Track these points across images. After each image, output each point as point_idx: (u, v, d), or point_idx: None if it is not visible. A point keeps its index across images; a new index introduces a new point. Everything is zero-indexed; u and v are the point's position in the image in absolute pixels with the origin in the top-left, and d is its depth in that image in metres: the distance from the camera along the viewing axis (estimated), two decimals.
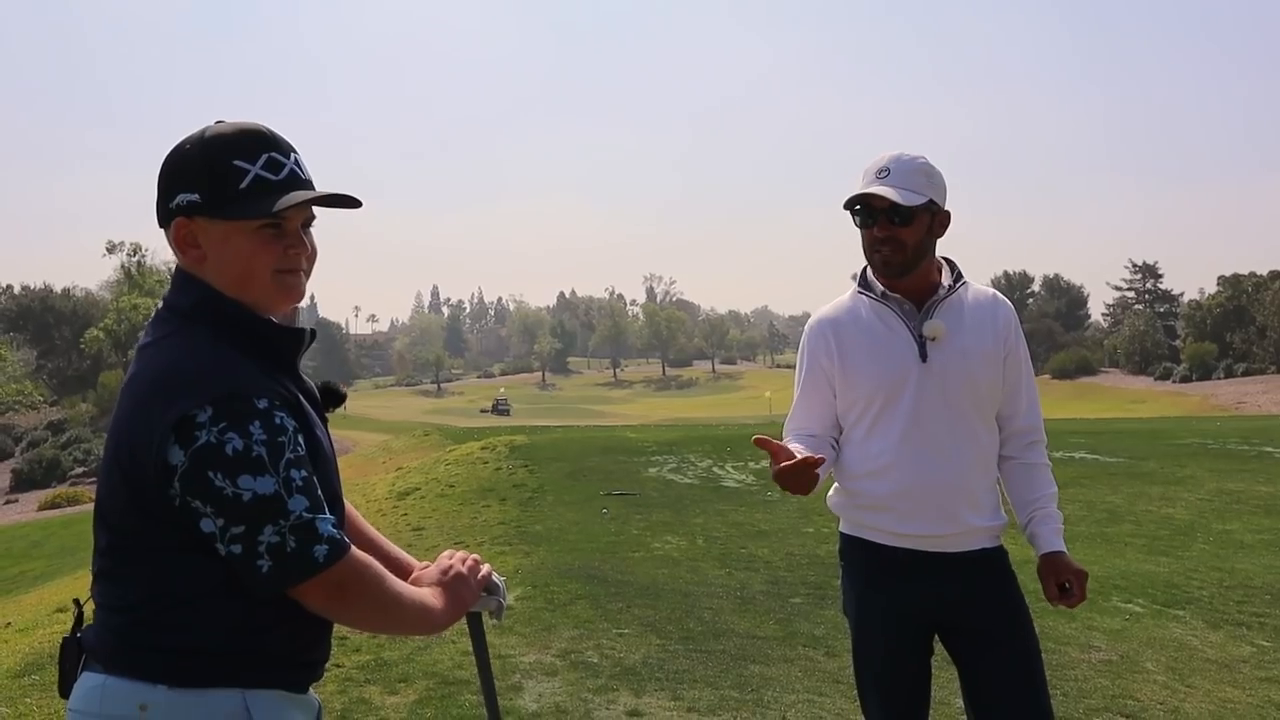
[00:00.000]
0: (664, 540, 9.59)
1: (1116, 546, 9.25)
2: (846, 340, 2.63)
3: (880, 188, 2.48)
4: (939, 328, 2.55)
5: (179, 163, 1.63)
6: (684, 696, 4.98)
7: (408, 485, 15.67)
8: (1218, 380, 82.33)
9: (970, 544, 2.61)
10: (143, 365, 1.60)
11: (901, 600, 2.60)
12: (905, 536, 2.58)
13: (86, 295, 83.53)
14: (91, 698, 1.56)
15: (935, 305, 2.59)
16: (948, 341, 2.56)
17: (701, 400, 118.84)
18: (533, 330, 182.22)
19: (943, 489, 2.55)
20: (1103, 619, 6.50)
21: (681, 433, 24.58)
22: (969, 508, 2.58)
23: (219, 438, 1.47)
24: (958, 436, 2.55)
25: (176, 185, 1.62)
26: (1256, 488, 12.81)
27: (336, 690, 4.97)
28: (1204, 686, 5.17)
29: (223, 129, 1.63)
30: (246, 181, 1.60)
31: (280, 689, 1.61)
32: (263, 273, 1.63)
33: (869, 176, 2.53)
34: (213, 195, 1.60)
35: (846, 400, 2.65)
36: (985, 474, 2.63)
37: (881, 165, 2.52)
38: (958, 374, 2.55)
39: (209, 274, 1.63)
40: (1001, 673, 2.55)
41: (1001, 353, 2.62)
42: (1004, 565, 2.68)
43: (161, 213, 1.65)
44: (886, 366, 2.57)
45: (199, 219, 1.61)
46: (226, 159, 1.60)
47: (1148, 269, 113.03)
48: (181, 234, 1.63)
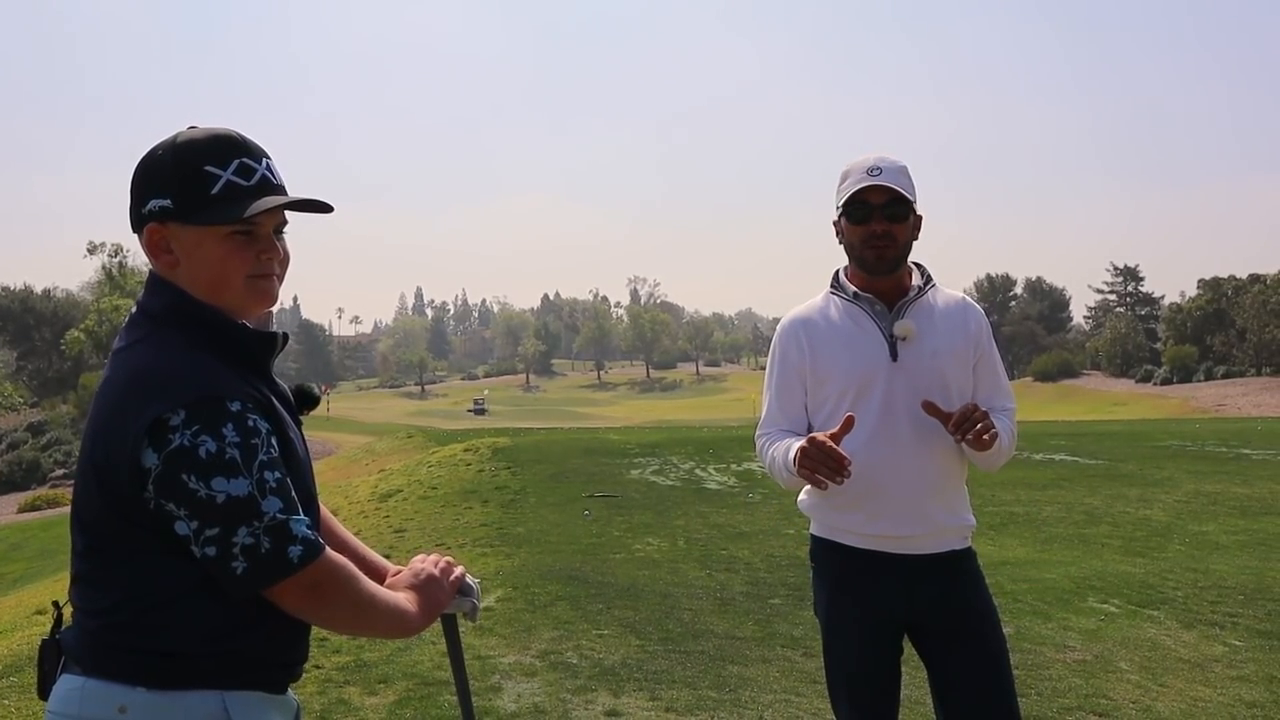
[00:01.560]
0: (645, 542, 9.62)
1: (1094, 547, 9.34)
2: (818, 339, 2.66)
3: (884, 182, 2.53)
4: (909, 328, 2.59)
5: (151, 168, 1.64)
6: (662, 697, 5.01)
7: (390, 487, 15.65)
8: (1198, 383, 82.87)
9: (939, 545, 2.63)
10: (116, 369, 1.61)
11: (871, 602, 2.63)
12: (873, 537, 2.61)
13: (67, 296, 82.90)
14: (70, 700, 1.57)
15: (906, 306, 2.62)
16: (918, 341, 2.59)
17: (685, 402, 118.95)
18: (517, 332, 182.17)
19: (911, 487, 2.57)
20: (1078, 619, 6.56)
21: (664, 435, 24.62)
22: (938, 507, 2.61)
23: (192, 440, 1.49)
24: (927, 436, 2.56)
25: (148, 191, 1.63)
26: (1233, 489, 12.95)
27: (316, 691, 4.98)
28: (1177, 685, 5.23)
29: (194, 135, 1.64)
30: (218, 187, 1.61)
31: (259, 690, 1.62)
32: (236, 278, 1.65)
33: (858, 174, 2.56)
34: (184, 201, 1.61)
35: (817, 398, 2.67)
36: (955, 473, 2.66)
37: (871, 164, 2.56)
38: (928, 373, 2.58)
39: (182, 279, 1.64)
40: (969, 673, 2.57)
41: (972, 356, 2.66)
42: (973, 567, 2.70)
43: (135, 218, 1.66)
44: (857, 364, 2.60)
45: (171, 224, 1.62)
46: (198, 164, 1.61)
47: (1129, 272, 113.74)
48: (154, 240, 1.64)
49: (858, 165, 2.58)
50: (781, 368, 2.74)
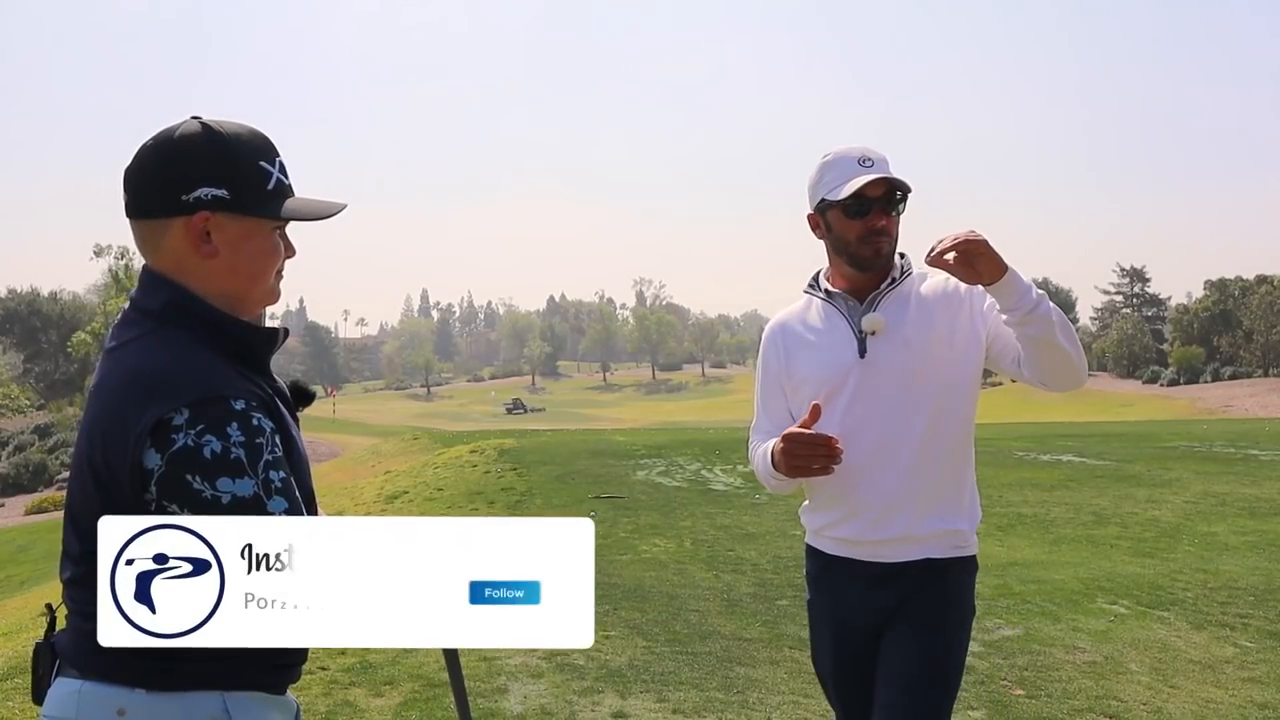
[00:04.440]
0: (651, 543, 9.60)
1: (1102, 549, 9.30)
2: (793, 343, 2.60)
3: (881, 174, 2.40)
4: (878, 321, 2.45)
5: (193, 155, 1.59)
6: (669, 698, 4.99)
7: (396, 489, 15.67)
8: (1205, 384, 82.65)
9: (913, 553, 2.47)
10: (112, 368, 1.59)
11: (842, 608, 2.56)
12: (842, 542, 2.53)
13: (74, 299, 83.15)
14: (68, 703, 1.55)
15: (878, 299, 2.49)
16: (889, 334, 2.45)
17: (691, 404, 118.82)
18: (522, 334, 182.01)
19: (881, 491, 2.45)
20: (1087, 620, 6.53)
21: (670, 436, 24.62)
22: (909, 512, 2.44)
23: (197, 440, 1.46)
24: (899, 436, 2.44)
25: (196, 177, 1.58)
26: (1241, 490, 12.90)
27: (321, 693, 4.97)
28: (1187, 687, 5.20)
29: (236, 129, 1.63)
30: (272, 183, 1.63)
31: (259, 691, 1.61)
32: (270, 273, 1.67)
33: (847, 167, 2.42)
34: (244, 193, 1.61)
35: (795, 403, 2.57)
36: (937, 476, 2.48)
37: (860, 155, 2.43)
38: (899, 368, 2.44)
39: (214, 271, 1.61)
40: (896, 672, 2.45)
41: (954, 318, 2.47)
42: (953, 579, 2.50)
43: (165, 203, 1.60)
44: (825, 366, 2.50)
45: (220, 215, 1.60)
46: (252, 159, 1.62)
47: (1135, 273, 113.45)
48: (200, 228, 1.60)
49: (841, 156, 2.44)
50: (764, 376, 2.69)
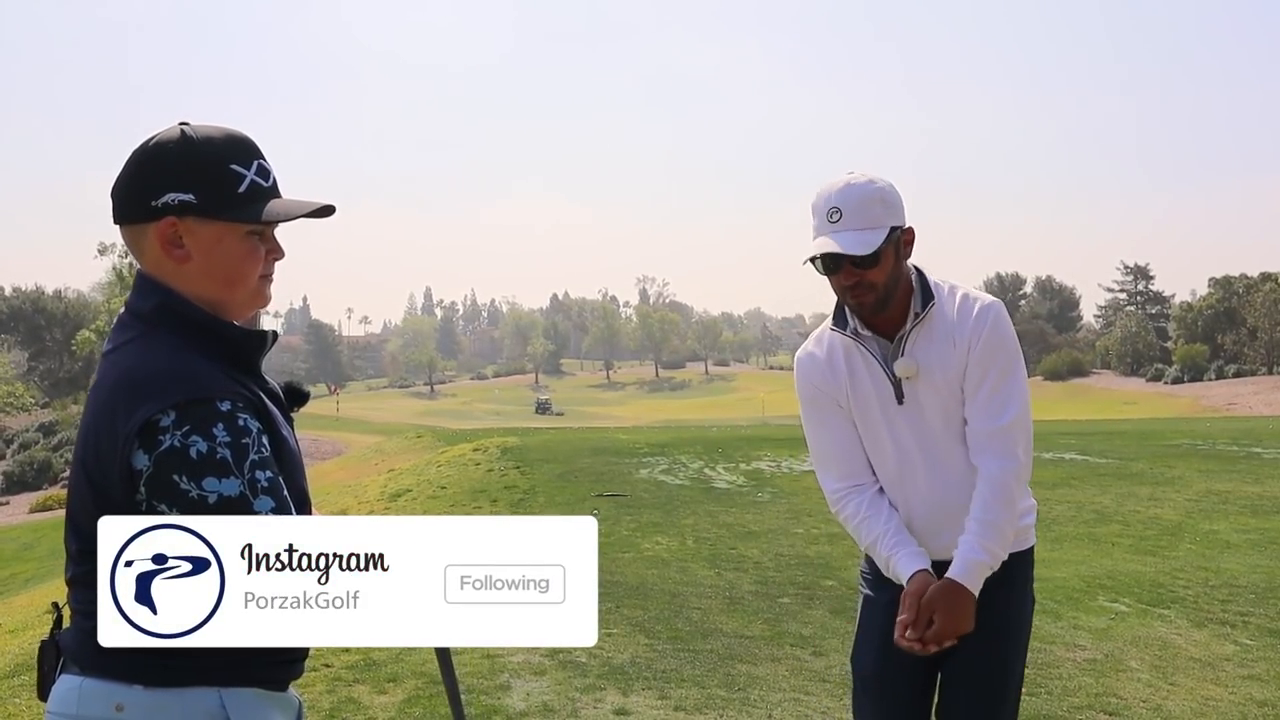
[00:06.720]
0: (654, 541, 9.62)
1: (1104, 546, 9.31)
2: (835, 376, 2.57)
3: (834, 238, 2.31)
4: (911, 368, 2.45)
5: (162, 161, 1.62)
6: (671, 695, 5.01)
7: (400, 487, 15.70)
8: (1209, 382, 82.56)
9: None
10: (106, 371, 1.61)
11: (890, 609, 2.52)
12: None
13: (78, 297, 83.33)
14: (69, 699, 1.57)
15: (904, 340, 2.47)
16: (921, 378, 2.46)
17: (694, 402, 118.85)
18: (525, 332, 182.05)
19: (925, 519, 2.51)
20: (1088, 618, 6.54)
21: (673, 434, 24.64)
22: (954, 532, 2.45)
23: (183, 441, 1.49)
24: (938, 467, 2.50)
25: (162, 183, 1.61)
26: (1244, 488, 12.90)
27: (325, 690, 4.99)
28: (1187, 685, 5.21)
29: (210, 132, 1.64)
30: (244, 186, 1.63)
31: (258, 687, 1.62)
32: (251, 276, 1.67)
33: (819, 218, 2.36)
34: (210, 197, 1.61)
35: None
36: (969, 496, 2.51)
37: (830, 205, 2.34)
38: (934, 411, 2.48)
39: (190, 275, 1.63)
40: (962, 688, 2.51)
41: (963, 356, 2.46)
42: (1014, 575, 2.52)
43: (137, 210, 1.63)
44: (866, 410, 2.52)
45: (190, 219, 1.61)
46: (223, 162, 1.62)
47: (1139, 270, 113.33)
48: (167, 233, 1.62)
49: (818, 203, 2.37)
50: (813, 400, 2.60)
